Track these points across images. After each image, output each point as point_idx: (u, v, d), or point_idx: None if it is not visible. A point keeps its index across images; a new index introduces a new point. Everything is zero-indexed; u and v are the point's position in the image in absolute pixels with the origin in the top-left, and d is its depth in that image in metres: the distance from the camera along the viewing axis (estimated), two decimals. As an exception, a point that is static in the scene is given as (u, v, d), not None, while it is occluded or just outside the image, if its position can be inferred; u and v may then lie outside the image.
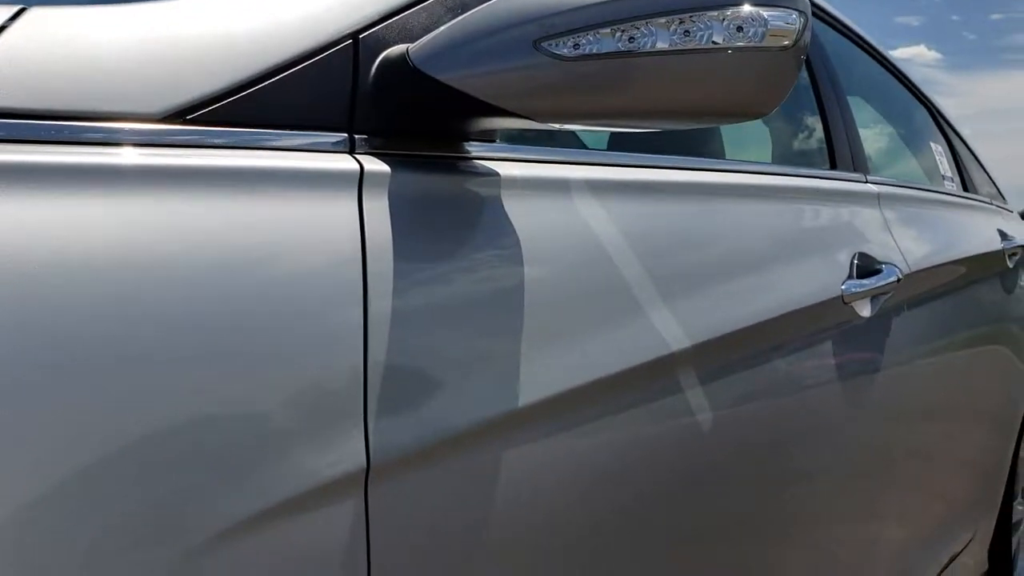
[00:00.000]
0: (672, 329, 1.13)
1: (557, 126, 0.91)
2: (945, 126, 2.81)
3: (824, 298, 1.48)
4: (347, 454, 0.73)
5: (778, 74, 0.88)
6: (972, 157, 2.94)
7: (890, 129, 2.56)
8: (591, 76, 0.82)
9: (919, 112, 2.69)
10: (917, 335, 1.81)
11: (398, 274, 0.81)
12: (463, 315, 0.88)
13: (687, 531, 1.17)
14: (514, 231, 0.95)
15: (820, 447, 1.47)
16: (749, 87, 0.88)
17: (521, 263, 0.94)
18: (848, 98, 1.97)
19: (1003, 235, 2.60)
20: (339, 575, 0.73)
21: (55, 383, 0.60)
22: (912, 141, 2.65)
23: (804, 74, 1.86)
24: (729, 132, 1.83)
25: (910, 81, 2.59)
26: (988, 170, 3.06)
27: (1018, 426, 2.49)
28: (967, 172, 2.81)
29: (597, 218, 1.09)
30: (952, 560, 2.18)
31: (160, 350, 0.65)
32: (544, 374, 0.93)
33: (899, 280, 1.68)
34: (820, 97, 1.86)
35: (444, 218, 0.89)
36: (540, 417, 0.93)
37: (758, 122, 2.01)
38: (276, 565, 0.69)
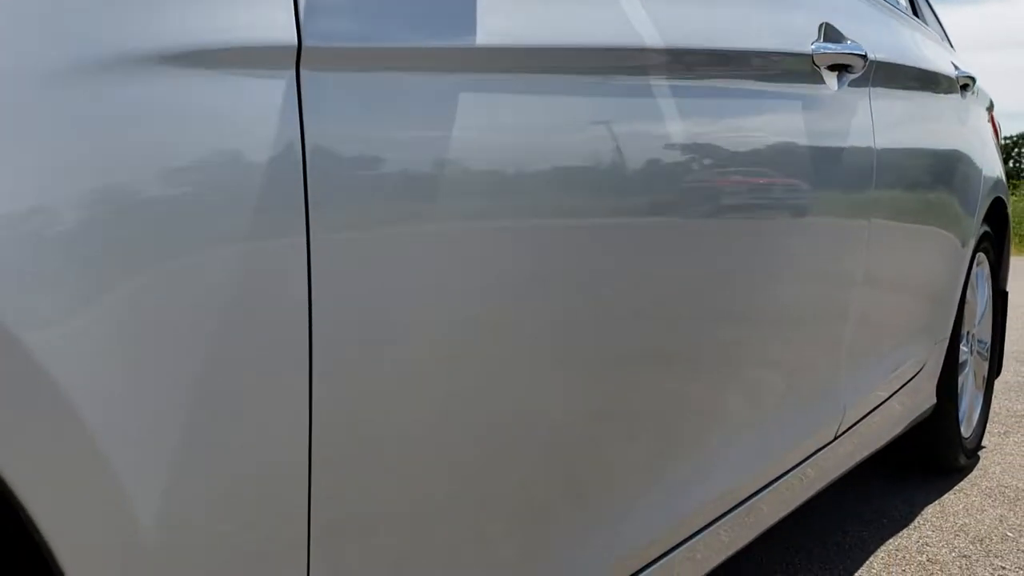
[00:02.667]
0: (643, 23, 1.05)
1: None
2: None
3: (793, 50, 1.41)
4: (275, 24, 0.68)
5: None
6: (927, 6, 2.88)
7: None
8: None
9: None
10: (880, 131, 1.76)
11: None
12: None
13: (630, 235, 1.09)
14: None
15: (775, 210, 1.41)
16: None
17: None
18: None
19: (955, 66, 2.57)
20: (271, 157, 0.66)
21: None
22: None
23: None
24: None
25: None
26: (940, 21, 3.01)
27: (969, 255, 2.46)
28: (920, 11, 2.75)
29: None
30: (906, 384, 2.17)
31: None
32: (502, 23, 0.85)
33: (865, 57, 1.62)
34: None
35: None
36: (495, 65, 0.84)
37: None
38: (209, 103, 0.64)
